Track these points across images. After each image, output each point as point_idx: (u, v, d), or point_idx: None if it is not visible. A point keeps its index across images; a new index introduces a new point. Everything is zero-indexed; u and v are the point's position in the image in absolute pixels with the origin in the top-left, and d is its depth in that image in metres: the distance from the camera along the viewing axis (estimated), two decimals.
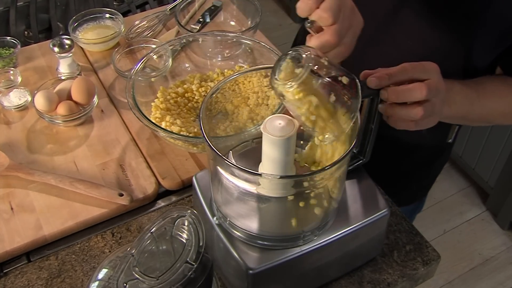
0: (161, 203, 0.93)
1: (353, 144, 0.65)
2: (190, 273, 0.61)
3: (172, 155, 0.97)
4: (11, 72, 1.08)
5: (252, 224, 0.71)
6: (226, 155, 0.74)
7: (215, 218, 0.74)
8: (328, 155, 0.70)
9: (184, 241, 0.63)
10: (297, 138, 0.66)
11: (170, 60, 1.05)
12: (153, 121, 0.94)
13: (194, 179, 0.80)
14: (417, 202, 1.23)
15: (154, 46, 1.12)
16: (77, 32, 1.19)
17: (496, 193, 2.09)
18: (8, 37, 1.15)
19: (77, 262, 0.84)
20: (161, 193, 0.94)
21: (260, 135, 0.67)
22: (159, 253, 0.64)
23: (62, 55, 1.08)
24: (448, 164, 2.25)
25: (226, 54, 1.12)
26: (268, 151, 0.66)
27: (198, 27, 1.23)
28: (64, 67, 1.10)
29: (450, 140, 1.07)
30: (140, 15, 1.30)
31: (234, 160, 0.75)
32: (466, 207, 2.17)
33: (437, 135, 1.05)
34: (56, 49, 1.08)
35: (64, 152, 0.98)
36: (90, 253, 0.85)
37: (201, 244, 0.62)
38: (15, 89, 1.06)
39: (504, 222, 2.09)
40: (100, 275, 0.66)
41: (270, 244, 0.71)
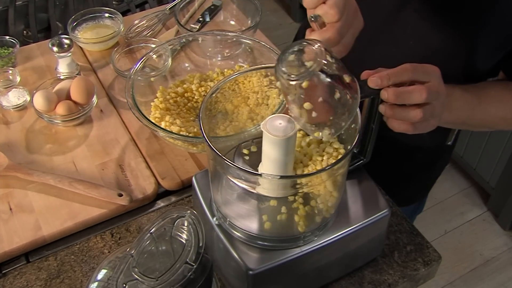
0: (161, 203, 0.93)
1: (353, 144, 0.65)
2: (189, 273, 0.61)
3: (172, 155, 0.97)
4: (10, 71, 1.08)
5: (252, 225, 0.71)
6: (227, 155, 0.74)
7: (215, 219, 0.74)
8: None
9: (184, 241, 0.63)
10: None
11: (169, 59, 1.05)
12: (153, 121, 0.94)
13: (193, 179, 0.80)
14: (417, 203, 1.23)
15: (153, 46, 1.12)
16: (76, 32, 1.19)
17: (497, 194, 2.09)
18: (7, 37, 1.15)
19: (76, 262, 0.83)
20: (161, 194, 0.94)
21: (260, 135, 0.67)
22: (159, 254, 0.64)
23: (61, 54, 1.08)
24: (449, 164, 2.24)
25: (226, 53, 1.12)
26: (268, 151, 0.66)
27: (197, 27, 1.23)
28: (63, 67, 1.10)
29: (450, 142, 1.06)
30: (140, 14, 1.30)
31: (236, 160, 0.74)
32: (467, 208, 2.17)
33: (437, 138, 1.04)
34: (55, 49, 1.08)
35: (63, 152, 0.98)
36: (89, 253, 0.84)
37: (200, 244, 0.63)
38: (14, 89, 1.06)
39: (505, 223, 2.08)
40: (100, 276, 0.66)
41: (270, 244, 0.71)
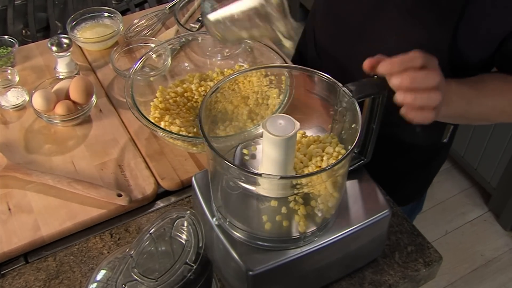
0: (160, 203, 0.93)
1: (354, 144, 0.65)
2: (189, 274, 0.61)
3: (171, 155, 0.97)
4: (9, 71, 1.08)
5: (252, 225, 0.71)
6: (227, 155, 0.74)
7: (214, 219, 0.74)
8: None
9: (184, 242, 0.63)
10: None
11: (169, 59, 1.05)
12: (152, 121, 0.93)
13: (193, 179, 0.79)
14: (414, 202, 1.23)
15: (153, 45, 1.12)
16: (75, 31, 1.19)
17: (498, 194, 2.08)
18: (6, 36, 1.15)
19: (75, 263, 0.83)
20: (160, 194, 0.94)
21: (260, 135, 0.67)
22: (158, 254, 0.64)
23: (60, 54, 1.08)
24: (449, 165, 2.24)
25: (225, 53, 1.11)
26: (268, 151, 0.65)
27: (197, 26, 1.23)
28: (62, 67, 1.10)
29: (445, 140, 1.06)
30: (139, 14, 1.30)
31: (236, 160, 0.74)
32: (468, 208, 2.16)
33: (432, 135, 1.04)
34: (54, 48, 1.08)
35: (62, 152, 0.98)
36: (89, 254, 0.84)
37: (200, 245, 0.63)
38: (13, 89, 1.06)
39: (507, 223, 2.08)
40: (99, 277, 0.66)
41: (270, 245, 0.71)
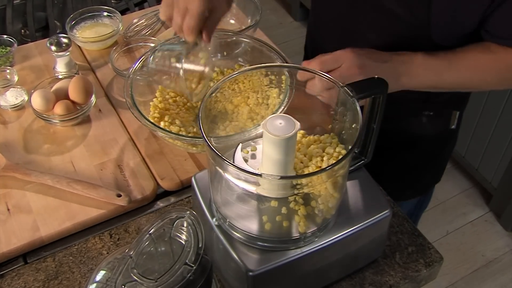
0: (160, 204, 0.92)
1: (354, 144, 0.65)
2: (189, 275, 0.61)
3: (171, 155, 0.96)
4: (8, 71, 1.08)
5: (252, 225, 0.70)
6: (227, 155, 0.74)
7: (214, 219, 0.74)
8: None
9: (183, 242, 0.63)
10: None
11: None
12: (152, 120, 0.93)
13: (193, 179, 0.79)
14: (422, 195, 1.23)
15: (152, 45, 1.12)
16: (75, 31, 1.19)
17: (499, 194, 2.08)
18: (5, 36, 1.15)
19: (74, 263, 0.83)
20: (160, 194, 0.93)
21: (260, 135, 0.66)
22: (158, 255, 0.64)
23: (59, 54, 1.08)
24: (450, 165, 2.24)
25: (225, 53, 1.11)
26: (268, 151, 0.65)
27: None
28: (61, 66, 1.10)
29: (453, 126, 1.07)
30: (139, 13, 1.30)
31: (235, 160, 0.74)
32: (469, 208, 2.15)
33: (439, 124, 1.05)
34: (53, 48, 1.08)
35: (61, 152, 0.97)
36: (88, 254, 0.84)
37: (200, 245, 0.62)
38: (12, 88, 1.06)
39: (508, 223, 2.07)
40: (98, 277, 0.65)
41: (270, 245, 0.71)
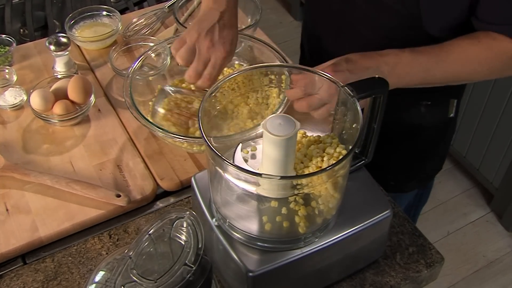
0: (159, 204, 0.92)
1: (354, 144, 0.65)
2: (188, 275, 0.61)
3: (171, 155, 0.96)
4: (6, 70, 1.07)
5: (252, 226, 0.70)
6: (226, 155, 0.73)
7: (214, 220, 0.73)
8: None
9: (183, 243, 0.63)
10: None
11: (168, 58, 1.04)
12: (151, 120, 0.93)
13: (193, 179, 0.79)
14: (421, 189, 1.23)
15: (152, 44, 1.11)
16: (74, 30, 1.18)
17: (500, 194, 2.07)
18: (3, 35, 1.15)
19: (73, 264, 0.83)
20: (159, 194, 0.93)
21: (260, 135, 0.66)
22: (157, 255, 0.64)
23: (59, 53, 1.07)
24: (451, 165, 2.24)
25: None
26: (268, 151, 0.65)
27: None
28: (60, 66, 1.09)
29: (452, 114, 1.08)
30: (138, 12, 1.29)
31: (235, 160, 0.73)
32: (470, 208, 2.15)
33: (437, 113, 1.06)
34: (52, 47, 1.07)
35: (60, 152, 0.97)
36: (87, 255, 0.84)
37: (200, 246, 0.62)
38: (11, 88, 1.06)
39: (509, 224, 2.06)
40: (97, 278, 0.65)
41: (271, 246, 0.70)
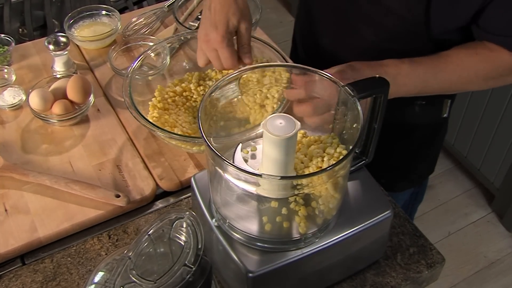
0: (159, 204, 0.92)
1: (355, 144, 0.64)
2: (188, 276, 0.61)
3: (170, 155, 0.96)
4: (5, 70, 1.07)
5: (252, 226, 0.70)
6: (226, 155, 0.73)
7: (214, 220, 0.73)
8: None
9: (183, 243, 0.63)
10: None
11: (168, 58, 1.05)
12: (151, 120, 0.93)
13: (192, 180, 0.79)
14: (416, 187, 1.24)
15: (151, 44, 1.11)
16: (73, 30, 1.18)
17: (501, 194, 2.07)
18: (2, 35, 1.14)
19: (72, 265, 0.83)
20: (159, 195, 0.93)
21: (260, 135, 0.66)
22: (157, 256, 0.64)
23: (58, 53, 1.07)
24: (452, 165, 2.24)
25: None
26: (269, 151, 0.65)
27: (196, 25, 1.22)
28: (59, 65, 1.09)
29: (445, 115, 1.09)
30: (137, 12, 1.29)
31: (235, 160, 0.73)
32: (471, 209, 2.14)
33: (431, 113, 1.07)
34: (51, 47, 1.07)
35: (59, 152, 0.97)
36: (86, 255, 0.84)
37: (199, 246, 0.62)
38: (9, 88, 1.05)
39: (510, 224, 2.06)
40: (97, 278, 0.65)
41: (271, 246, 0.70)
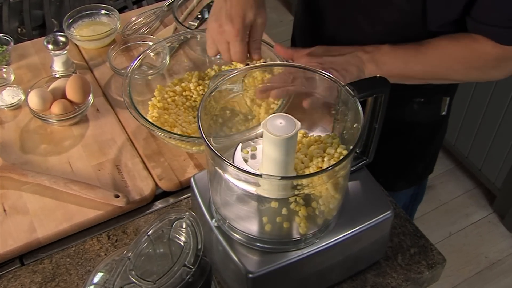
0: (159, 205, 0.92)
1: (355, 144, 0.64)
2: (188, 277, 0.61)
3: (170, 155, 0.96)
4: (4, 70, 1.07)
5: (252, 227, 0.70)
6: (226, 155, 0.73)
7: (213, 220, 0.73)
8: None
9: (182, 244, 0.63)
10: None
11: (167, 57, 1.05)
12: (150, 120, 0.92)
13: (192, 180, 0.79)
14: (416, 186, 1.24)
15: (151, 43, 1.11)
16: (72, 29, 1.18)
17: (503, 195, 2.06)
18: (1, 34, 1.14)
19: (72, 265, 0.82)
20: (159, 195, 0.93)
21: (260, 135, 0.66)
22: (156, 256, 0.64)
23: (57, 52, 1.07)
24: (453, 165, 2.24)
25: None
26: (269, 151, 0.65)
27: (196, 24, 1.22)
28: (58, 65, 1.09)
29: (444, 112, 1.09)
30: (137, 11, 1.29)
31: (235, 160, 0.73)
32: (472, 209, 2.14)
33: (430, 110, 1.08)
34: (50, 46, 1.07)
35: (58, 153, 0.97)
36: (85, 256, 0.84)
37: (199, 247, 0.62)
38: (8, 88, 1.05)
39: (511, 225, 2.07)
40: (96, 279, 0.65)
41: (271, 247, 0.70)
